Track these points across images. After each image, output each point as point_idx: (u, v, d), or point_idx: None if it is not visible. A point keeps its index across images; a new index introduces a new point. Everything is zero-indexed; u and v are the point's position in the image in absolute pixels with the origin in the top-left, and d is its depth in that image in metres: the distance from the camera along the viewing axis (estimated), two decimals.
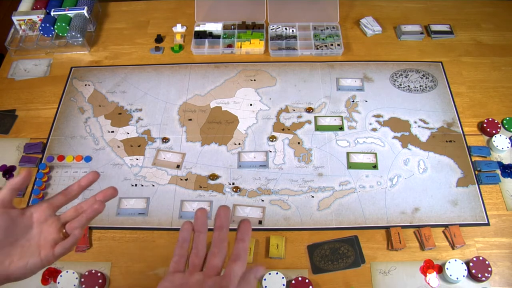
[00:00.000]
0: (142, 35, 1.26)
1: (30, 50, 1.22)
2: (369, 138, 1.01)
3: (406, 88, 1.11)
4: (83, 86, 1.14)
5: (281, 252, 0.84)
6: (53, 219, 0.55)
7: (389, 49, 1.20)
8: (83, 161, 0.99)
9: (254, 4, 1.25)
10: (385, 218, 0.89)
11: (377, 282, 0.81)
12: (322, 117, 1.05)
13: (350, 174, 0.96)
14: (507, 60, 1.17)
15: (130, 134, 1.03)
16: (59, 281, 0.81)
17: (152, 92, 1.12)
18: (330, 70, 1.15)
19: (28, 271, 0.52)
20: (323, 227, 0.88)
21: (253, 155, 0.99)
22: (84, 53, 1.22)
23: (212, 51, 1.20)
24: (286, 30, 1.23)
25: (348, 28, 1.26)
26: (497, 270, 0.82)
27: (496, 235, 0.87)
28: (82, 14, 1.20)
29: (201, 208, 0.53)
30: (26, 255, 0.52)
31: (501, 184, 0.93)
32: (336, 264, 0.83)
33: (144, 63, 1.19)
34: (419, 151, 0.99)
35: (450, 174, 0.95)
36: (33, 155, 1.00)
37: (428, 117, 1.05)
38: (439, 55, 1.18)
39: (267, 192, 0.93)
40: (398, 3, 1.33)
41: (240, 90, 1.11)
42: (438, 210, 0.90)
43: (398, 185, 0.94)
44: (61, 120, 1.07)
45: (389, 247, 0.85)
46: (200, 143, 1.01)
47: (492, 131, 1.00)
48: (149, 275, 0.83)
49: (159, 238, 0.88)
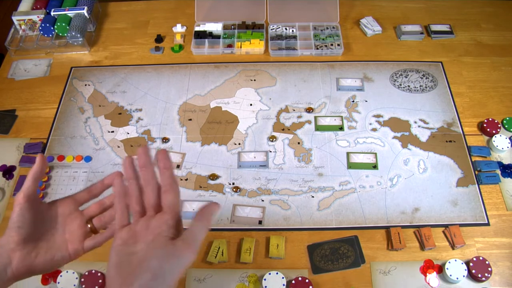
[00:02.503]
0: (142, 35, 1.26)
1: (30, 50, 1.22)
2: (369, 138, 1.01)
3: (406, 88, 1.11)
4: (83, 86, 1.14)
5: (281, 252, 0.84)
6: (77, 213, 0.56)
7: (389, 49, 1.20)
8: (83, 161, 0.99)
9: (254, 4, 1.25)
10: (385, 218, 0.89)
11: (377, 282, 0.81)
12: (322, 117, 1.05)
13: (350, 174, 0.96)
14: (507, 60, 1.17)
15: (130, 134, 1.03)
16: (59, 281, 0.81)
17: (152, 92, 1.12)
18: (330, 70, 1.15)
19: (53, 265, 0.53)
20: (323, 227, 0.88)
21: (253, 155, 0.99)
22: (84, 53, 1.22)
23: (212, 51, 1.20)
24: (286, 30, 1.23)
25: (348, 28, 1.26)
26: (497, 270, 0.82)
27: (496, 235, 0.87)
28: (82, 14, 1.20)
29: (128, 156, 0.54)
30: (52, 248, 0.53)
31: (501, 184, 0.93)
32: (336, 264, 0.83)
33: (144, 63, 1.19)
34: (419, 151, 0.99)
35: (450, 174, 0.95)
36: (33, 155, 1.00)
37: (428, 117, 1.05)
38: (439, 55, 1.18)
39: (267, 192, 0.93)
40: (398, 3, 1.33)
41: (240, 90, 1.11)
42: (438, 210, 0.90)
43: (398, 185, 0.94)
44: (61, 120, 1.07)
45: (389, 247, 0.85)
46: (200, 143, 1.01)
47: (492, 131, 1.00)
48: None
49: None
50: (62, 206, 0.56)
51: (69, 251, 0.54)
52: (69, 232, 0.55)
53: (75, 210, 0.56)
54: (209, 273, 0.83)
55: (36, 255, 0.52)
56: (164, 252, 0.45)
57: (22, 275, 0.51)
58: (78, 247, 0.54)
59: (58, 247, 0.53)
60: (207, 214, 0.49)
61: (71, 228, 0.55)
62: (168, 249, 0.46)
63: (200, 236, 0.48)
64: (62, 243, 0.54)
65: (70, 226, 0.55)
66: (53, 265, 0.53)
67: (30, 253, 0.51)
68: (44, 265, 0.52)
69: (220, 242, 0.85)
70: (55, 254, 0.53)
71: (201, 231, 0.48)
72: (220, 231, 0.88)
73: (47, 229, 0.54)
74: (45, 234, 0.53)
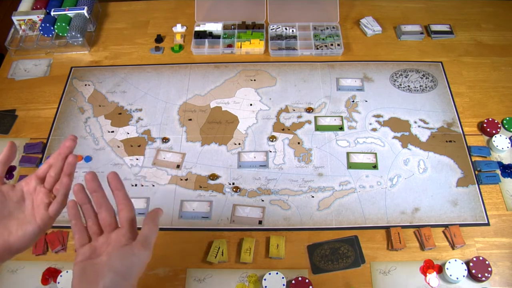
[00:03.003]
0: (142, 35, 1.26)
1: (30, 50, 1.22)
2: (369, 138, 1.01)
3: (406, 88, 1.11)
4: (83, 86, 1.14)
5: (281, 252, 0.84)
6: (40, 187, 0.59)
7: (389, 49, 1.20)
8: (83, 161, 0.99)
9: (254, 4, 1.25)
10: (385, 218, 0.89)
11: (377, 282, 0.81)
12: (322, 117, 1.05)
13: (350, 174, 0.96)
14: (507, 60, 1.17)
15: (130, 134, 1.03)
16: (59, 281, 0.81)
17: (152, 92, 1.12)
18: (330, 70, 1.15)
19: (27, 240, 0.56)
20: (323, 227, 0.88)
21: (253, 155, 0.99)
22: (84, 53, 1.22)
23: (212, 51, 1.20)
24: (286, 30, 1.23)
25: (348, 28, 1.26)
26: (497, 270, 0.82)
27: (496, 235, 0.87)
28: (82, 14, 1.20)
29: (77, 184, 0.58)
30: (23, 224, 0.56)
31: (501, 184, 0.93)
32: (336, 264, 0.83)
33: (144, 63, 1.19)
34: (419, 151, 0.99)
35: (450, 174, 0.95)
36: (33, 155, 1.00)
37: (428, 117, 1.05)
38: (439, 55, 1.18)
39: (267, 192, 0.93)
40: (398, 3, 1.33)
41: (240, 90, 1.11)
42: (438, 210, 0.90)
43: (398, 185, 0.94)
44: (61, 120, 1.07)
45: (389, 247, 0.85)
46: (200, 143, 1.01)
47: (492, 131, 1.00)
48: (149, 275, 0.83)
49: (158, 238, 0.87)
50: (26, 185, 0.59)
51: (37, 222, 0.56)
52: (35, 206, 0.58)
53: (38, 185, 0.59)
54: (209, 273, 0.83)
55: (8, 234, 0.55)
56: (123, 253, 0.53)
57: (1, 256, 0.54)
58: (44, 215, 0.57)
59: (27, 222, 0.56)
60: (154, 218, 0.57)
61: (36, 202, 0.58)
62: (126, 250, 0.53)
63: (152, 236, 0.56)
64: (30, 217, 0.57)
65: (36, 200, 0.58)
66: (27, 240, 0.56)
67: (3, 233, 0.54)
68: (19, 242, 0.55)
69: (220, 242, 0.85)
70: (26, 228, 0.56)
71: (151, 232, 0.56)
72: (220, 231, 0.88)
73: (15, 208, 0.57)
74: (14, 212, 0.56)
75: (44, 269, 0.83)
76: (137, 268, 0.53)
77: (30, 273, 0.83)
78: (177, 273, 0.83)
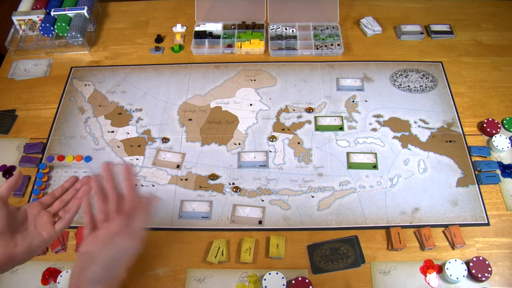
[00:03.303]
0: (142, 35, 1.26)
1: (30, 50, 1.22)
2: (369, 138, 1.01)
3: (406, 88, 1.11)
4: (83, 86, 1.14)
5: (281, 252, 0.84)
6: (44, 211, 0.65)
7: (389, 49, 1.20)
8: (83, 161, 0.99)
9: (254, 4, 1.25)
10: (385, 218, 0.89)
11: (377, 282, 0.81)
12: (322, 117, 1.05)
13: (350, 174, 0.96)
14: (507, 60, 1.17)
15: (130, 134, 1.03)
16: (59, 281, 0.81)
17: (152, 92, 1.12)
18: (330, 70, 1.15)
19: (31, 252, 0.60)
20: (323, 227, 0.88)
21: (253, 155, 0.99)
22: (84, 53, 1.22)
23: (212, 51, 1.20)
24: (286, 30, 1.23)
25: (348, 28, 1.26)
26: (497, 270, 0.82)
27: (496, 235, 0.87)
28: (82, 14, 1.20)
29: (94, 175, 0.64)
30: (28, 237, 0.61)
31: (501, 184, 0.93)
32: (336, 264, 0.83)
33: (144, 63, 1.19)
34: (419, 151, 0.99)
35: (450, 174, 0.95)
36: (33, 155, 1.00)
37: (428, 117, 1.05)
38: (439, 55, 1.18)
39: (267, 192, 0.93)
40: (398, 3, 1.33)
41: (240, 90, 1.11)
42: (438, 210, 0.90)
43: (398, 185, 0.94)
44: (61, 120, 1.07)
45: (389, 247, 0.85)
46: (200, 143, 1.01)
47: (492, 131, 1.00)
48: (149, 275, 0.83)
49: (158, 238, 0.88)
50: (30, 208, 0.64)
51: (44, 237, 0.62)
52: (40, 224, 0.63)
53: (42, 210, 0.65)
54: (209, 273, 0.83)
55: (14, 245, 0.59)
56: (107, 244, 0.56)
57: (5, 265, 0.58)
58: (51, 230, 0.62)
59: (33, 235, 0.61)
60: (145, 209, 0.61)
61: (41, 222, 0.63)
62: (114, 242, 0.56)
63: (140, 227, 0.59)
64: (36, 232, 0.62)
65: (40, 221, 0.63)
66: (31, 252, 0.60)
67: (9, 243, 0.58)
68: (23, 254, 0.59)
69: (220, 242, 0.85)
70: (32, 241, 0.60)
71: (140, 223, 0.59)
72: (220, 231, 0.88)
73: (20, 225, 0.61)
74: (19, 228, 0.61)
75: (44, 269, 0.83)
76: (122, 260, 0.56)
77: (30, 273, 0.83)
78: (177, 273, 0.83)
